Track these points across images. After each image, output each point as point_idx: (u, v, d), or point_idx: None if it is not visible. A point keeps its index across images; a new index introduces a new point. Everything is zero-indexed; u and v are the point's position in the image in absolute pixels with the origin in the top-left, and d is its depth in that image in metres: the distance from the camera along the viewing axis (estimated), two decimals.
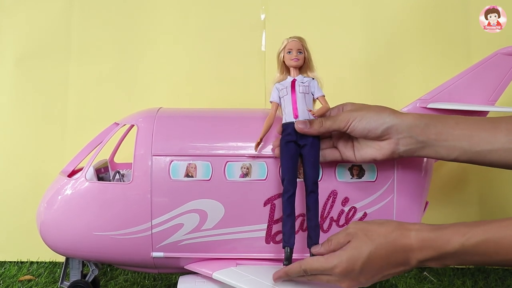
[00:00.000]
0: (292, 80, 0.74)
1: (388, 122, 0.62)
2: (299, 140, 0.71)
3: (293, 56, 0.74)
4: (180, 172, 0.76)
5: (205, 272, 0.75)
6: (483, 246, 0.51)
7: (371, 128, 0.63)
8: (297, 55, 0.74)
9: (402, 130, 0.62)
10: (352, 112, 0.65)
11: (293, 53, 0.74)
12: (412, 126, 0.62)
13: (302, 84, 0.74)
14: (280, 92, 0.74)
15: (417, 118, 0.63)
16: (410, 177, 0.79)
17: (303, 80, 0.74)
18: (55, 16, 1.17)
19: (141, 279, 1.02)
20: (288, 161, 0.72)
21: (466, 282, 1.01)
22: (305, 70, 0.76)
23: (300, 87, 0.73)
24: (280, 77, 0.76)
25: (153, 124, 0.79)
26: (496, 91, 0.87)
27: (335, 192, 0.77)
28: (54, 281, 1.01)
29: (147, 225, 0.76)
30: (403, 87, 1.13)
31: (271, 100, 0.75)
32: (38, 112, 1.16)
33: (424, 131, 0.62)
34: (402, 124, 0.62)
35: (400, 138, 0.62)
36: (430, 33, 1.14)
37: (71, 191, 0.79)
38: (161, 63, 1.16)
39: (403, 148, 0.63)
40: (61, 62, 1.16)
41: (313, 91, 0.74)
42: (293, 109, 0.72)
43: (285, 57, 0.75)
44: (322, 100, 0.74)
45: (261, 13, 1.15)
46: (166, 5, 1.16)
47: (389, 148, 0.63)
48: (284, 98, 0.74)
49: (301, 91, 0.73)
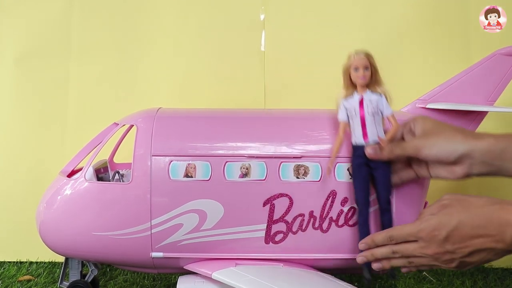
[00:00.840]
0: (360, 99, 0.73)
1: (461, 149, 0.60)
2: (370, 162, 0.72)
3: (360, 74, 0.72)
4: (180, 172, 0.76)
5: (205, 272, 0.75)
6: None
7: (443, 157, 0.62)
8: (364, 72, 0.72)
9: (476, 156, 0.60)
10: (422, 139, 0.64)
11: (360, 71, 0.73)
12: (486, 153, 0.60)
13: (371, 103, 0.73)
14: (349, 112, 0.74)
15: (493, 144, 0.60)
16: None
17: (371, 98, 0.73)
18: (55, 16, 1.17)
19: (140, 279, 1.02)
20: (361, 183, 0.73)
21: (466, 282, 1.01)
22: (372, 85, 0.74)
23: (369, 107, 0.72)
24: (346, 93, 0.75)
25: (152, 124, 0.79)
26: (495, 91, 0.87)
27: (335, 192, 0.77)
28: (54, 281, 1.01)
29: (146, 225, 0.76)
30: (403, 87, 1.12)
31: (340, 120, 0.75)
32: (37, 112, 1.16)
33: (500, 156, 0.60)
34: (476, 149, 0.60)
35: (474, 164, 0.61)
36: (430, 33, 1.14)
37: (71, 191, 0.79)
38: (161, 63, 1.16)
39: (477, 171, 0.62)
40: (61, 62, 1.16)
41: (382, 109, 0.73)
42: (363, 132, 0.72)
43: (351, 74, 0.74)
44: (392, 119, 0.73)
45: (260, 13, 1.15)
46: (166, 5, 1.17)
47: (462, 173, 0.62)
48: (353, 119, 0.73)
49: (370, 112, 0.72)
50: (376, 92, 0.74)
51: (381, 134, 0.72)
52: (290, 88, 1.14)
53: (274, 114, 0.88)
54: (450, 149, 0.61)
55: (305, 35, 1.15)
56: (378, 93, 0.74)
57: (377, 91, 0.74)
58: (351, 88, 0.74)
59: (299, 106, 0.99)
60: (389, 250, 0.64)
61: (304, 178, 0.77)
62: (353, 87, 0.74)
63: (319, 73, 1.14)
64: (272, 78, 1.14)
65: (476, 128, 0.92)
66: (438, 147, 0.62)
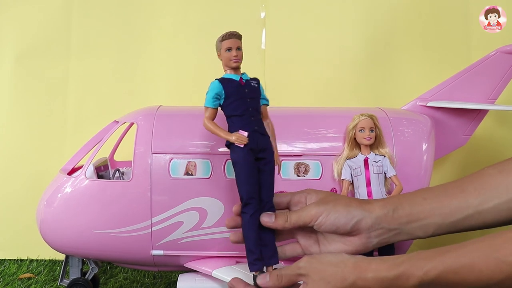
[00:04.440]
0: (365, 158, 0.75)
1: (357, 216, 0.57)
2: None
3: (365, 135, 0.75)
4: (180, 170, 0.76)
5: (205, 270, 0.75)
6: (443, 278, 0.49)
7: (340, 224, 0.57)
8: (370, 133, 0.75)
9: (372, 223, 0.57)
10: (319, 206, 0.59)
11: (365, 131, 0.75)
12: (380, 217, 0.57)
13: (376, 163, 0.75)
14: (353, 171, 0.75)
15: (383, 206, 0.58)
16: (409, 176, 0.79)
17: (375, 159, 0.75)
18: (55, 13, 1.17)
19: (140, 277, 1.02)
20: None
21: None
22: (376, 146, 0.77)
23: (374, 167, 0.75)
24: (350, 153, 0.76)
25: (153, 122, 0.79)
26: (496, 90, 0.87)
27: (335, 190, 0.77)
28: (54, 279, 1.01)
29: (146, 223, 0.76)
30: (403, 86, 1.13)
31: (343, 178, 0.76)
32: (38, 110, 1.16)
33: (393, 219, 0.58)
34: (371, 216, 0.57)
35: (371, 231, 0.58)
36: (430, 33, 1.14)
37: (71, 189, 0.79)
38: (161, 61, 1.16)
39: (376, 240, 0.58)
40: (61, 61, 1.16)
41: (386, 170, 0.75)
42: (368, 191, 0.74)
43: (356, 134, 0.76)
44: (395, 180, 0.75)
45: (261, 11, 1.15)
46: (166, 3, 1.17)
47: (361, 243, 0.58)
48: (358, 178, 0.75)
49: (375, 172, 0.74)
50: (379, 153, 0.76)
51: (384, 193, 0.75)
52: (290, 86, 1.14)
53: (275, 112, 0.88)
54: (348, 217, 0.57)
55: (306, 34, 1.15)
56: (382, 155, 0.76)
57: (381, 153, 0.76)
58: (355, 149, 0.76)
59: (300, 104, 0.99)
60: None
61: (305, 176, 0.77)
62: (357, 147, 0.76)
63: (319, 71, 1.14)
64: (272, 76, 1.14)
65: (477, 126, 0.92)
66: (336, 215, 0.57)
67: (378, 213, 0.58)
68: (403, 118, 0.83)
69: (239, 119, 0.57)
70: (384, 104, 0.93)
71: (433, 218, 0.57)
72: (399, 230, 0.58)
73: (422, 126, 0.82)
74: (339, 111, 0.87)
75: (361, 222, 0.57)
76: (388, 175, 0.75)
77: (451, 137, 0.91)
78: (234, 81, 0.59)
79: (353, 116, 0.77)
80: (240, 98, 0.58)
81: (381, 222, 0.58)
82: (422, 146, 0.79)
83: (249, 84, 0.59)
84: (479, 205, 0.55)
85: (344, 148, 0.77)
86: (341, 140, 0.79)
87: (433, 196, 0.57)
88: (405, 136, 0.80)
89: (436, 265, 0.48)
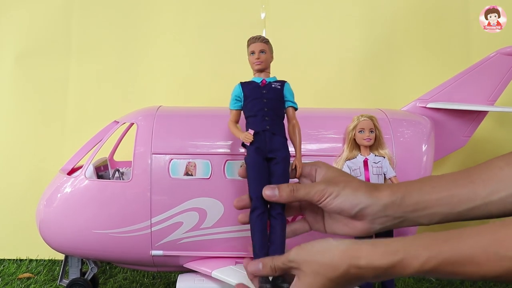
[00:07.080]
0: (364, 159, 0.76)
1: (363, 203, 0.57)
2: None
3: (365, 136, 0.75)
4: (180, 170, 0.76)
5: (204, 271, 0.75)
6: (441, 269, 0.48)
7: (345, 208, 0.57)
8: (369, 134, 0.76)
9: (378, 210, 0.57)
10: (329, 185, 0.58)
11: (365, 132, 0.75)
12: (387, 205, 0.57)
13: (375, 164, 0.75)
14: (353, 172, 0.76)
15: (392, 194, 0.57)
16: (409, 177, 0.79)
17: (375, 160, 0.76)
18: (55, 14, 1.17)
19: (140, 278, 1.02)
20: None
21: (465, 282, 1.01)
22: (376, 147, 0.77)
23: (374, 168, 0.75)
24: (350, 154, 0.77)
25: (152, 123, 0.79)
26: (496, 91, 0.87)
27: None
28: (53, 279, 1.01)
29: (146, 223, 0.76)
30: (403, 87, 1.13)
31: None
32: (37, 110, 1.16)
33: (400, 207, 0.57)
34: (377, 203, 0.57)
35: (376, 218, 0.57)
36: (430, 33, 1.14)
37: (71, 189, 0.79)
38: (161, 61, 1.16)
39: (379, 226, 0.58)
40: (61, 61, 1.16)
41: (385, 171, 0.76)
42: None
43: (356, 135, 0.76)
44: (395, 181, 0.75)
45: (261, 12, 1.15)
46: (166, 4, 1.16)
47: (363, 228, 0.58)
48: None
49: (374, 173, 0.75)
50: (379, 154, 0.76)
51: None
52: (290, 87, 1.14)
53: None
54: (354, 202, 0.56)
55: (306, 34, 1.15)
56: (382, 156, 0.76)
57: (380, 154, 0.76)
58: (354, 150, 0.77)
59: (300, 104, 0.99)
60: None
61: None
62: (357, 148, 0.77)
63: (319, 72, 1.14)
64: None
65: (477, 127, 0.92)
66: (342, 198, 0.57)
67: (385, 201, 0.57)
68: (402, 119, 0.83)
69: (252, 119, 0.59)
70: (384, 105, 0.93)
71: (440, 207, 0.57)
72: (404, 218, 0.58)
73: (422, 127, 0.82)
74: (338, 112, 0.87)
75: (367, 209, 0.57)
76: (387, 176, 0.75)
77: (450, 138, 0.91)
78: (253, 83, 0.61)
79: (352, 117, 0.77)
80: (255, 98, 0.60)
81: (387, 210, 0.57)
82: (421, 147, 0.80)
83: (269, 86, 0.61)
84: (486, 197, 0.54)
85: (343, 149, 0.77)
86: (341, 141, 0.79)
87: (442, 184, 0.57)
88: (404, 137, 0.80)
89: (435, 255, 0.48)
